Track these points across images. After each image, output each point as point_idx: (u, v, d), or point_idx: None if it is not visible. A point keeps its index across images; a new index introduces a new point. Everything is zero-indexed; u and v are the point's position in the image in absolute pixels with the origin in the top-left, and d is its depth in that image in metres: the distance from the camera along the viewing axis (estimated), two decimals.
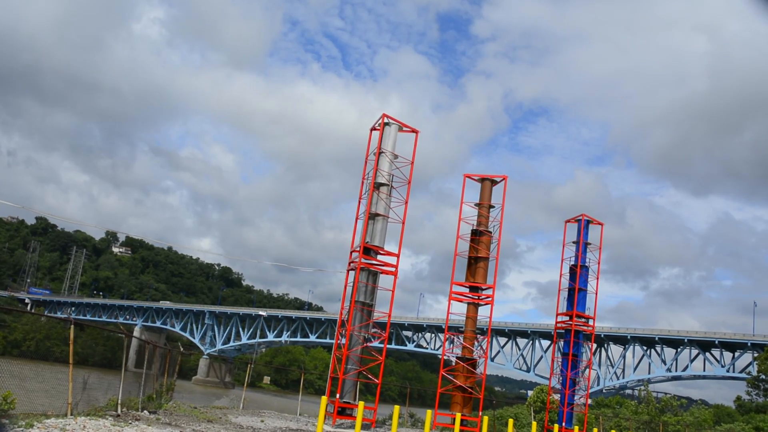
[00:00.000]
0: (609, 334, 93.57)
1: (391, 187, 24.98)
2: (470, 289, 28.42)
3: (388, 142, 25.33)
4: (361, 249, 23.66)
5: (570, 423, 30.91)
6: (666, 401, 46.33)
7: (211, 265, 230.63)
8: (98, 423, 13.12)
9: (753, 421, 51.18)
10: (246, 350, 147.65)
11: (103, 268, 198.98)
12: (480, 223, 28.96)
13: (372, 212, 24.45)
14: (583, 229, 32.37)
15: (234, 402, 28.92)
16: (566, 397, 30.79)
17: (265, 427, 20.81)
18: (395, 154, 25.39)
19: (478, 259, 28.29)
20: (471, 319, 28.08)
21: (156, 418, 17.42)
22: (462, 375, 27.46)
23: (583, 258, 32.18)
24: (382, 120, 25.11)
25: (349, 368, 23.36)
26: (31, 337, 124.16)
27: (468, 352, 27.86)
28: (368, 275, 24.13)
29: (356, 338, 23.63)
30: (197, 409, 22.93)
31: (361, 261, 23.64)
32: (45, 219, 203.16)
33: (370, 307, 24.02)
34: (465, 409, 27.42)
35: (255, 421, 22.12)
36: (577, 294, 31.44)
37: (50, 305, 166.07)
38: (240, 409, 27.12)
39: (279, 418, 24.64)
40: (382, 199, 24.66)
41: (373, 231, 24.35)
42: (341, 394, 22.90)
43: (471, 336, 27.95)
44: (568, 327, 31.71)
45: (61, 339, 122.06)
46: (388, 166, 25.13)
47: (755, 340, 77.33)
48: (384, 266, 24.57)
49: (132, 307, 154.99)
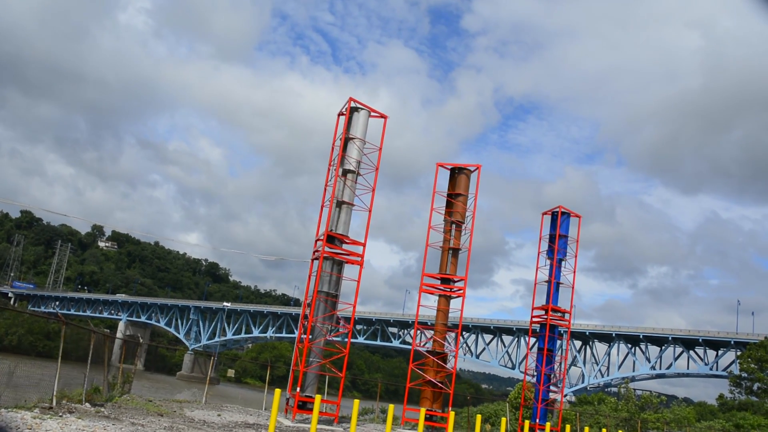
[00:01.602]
0: (594, 331, 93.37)
1: (357, 174, 24.13)
2: (442, 281, 27.64)
3: (357, 128, 24.48)
4: (325, 237, 22.80)
5: (544, 419, 30.22)
6: (646, 398, 45.82)
7: (199, 261, 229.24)
8: (16, 416, 12.21)
9: (734, 418, 50.92)
10: (232, 346, 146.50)
11: (88, 263, 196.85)
12: (453, 213, 28.16)
13: (338, 200, 23.60)
14: (559, 222, 31.65)
15: (197, 395, 27.99)
16: (540, 392, 30.09)
17: (220, 421, 19.93)
18: (364, 140, 24.54)
19: (450, 251, 27.50)
20: (442, 311, 27.28)
21: (96, 410, 16.51)
22: (432, 369, 26.67)
23: (559, 251, 31.47)
24: (348, 104, 24.24)
25: (311, 361, 22.52)
26: (14, 332, 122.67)
27: (439, 346, 27.06)
28: (333, 265, 23.29)
29: (319, 330, 22.80)
30: (152, 402, 22.01)
31: (325, 250, 22.79)
32: (30, 212, 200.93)
33: (334, 297, 23.19)
34: (435, 404, 26.67)
35: (211, 415, 21.24)
36: (552, 287, 30.75)
37: (34, 299, 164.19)
38: (202, 402, 26.21)
39: (240, 413, 23.75)
40: (348, 187, 23.81)
41: (338, 219, 23.50)
42: (302, 388, 22.07)
43: (442, 329, 27.15)
44: (544, 321, 31.01)
45: (43, 334, 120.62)
46: (356, 153, 24.29)
47: (738, 339, 77.24)
48: (350, 256, 23.73)
49: (116, 302, 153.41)
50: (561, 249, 31.37)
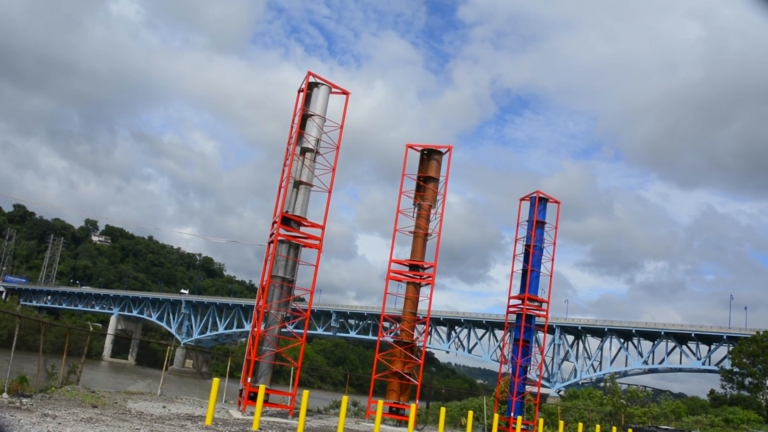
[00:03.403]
0: (586, 326, 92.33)
1: (316, 153, 22.81)
2: (410, 267, 26.37)
3: (316, 105, 23.15)
4: (279, 219, 21.48)
5: (520, 412, 28.99)
6: (632, 392, 44.63)
7: (193, 255, 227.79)
8: None
9: (723, 413, 49.89)
10: (224, 341, 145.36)
11: (81, 257, 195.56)
12: (423, 197, 26.89)
13: (295, 180, 22.29)
14: (537, 207, 30.34)
15: (152, 386, 26.69)
16: (515, 385, 28.84)
17: (160, 413, 18.67)
18: (324, 118, 23.21)
19: (419, 236, 26.24)
20: (410, 300, 26.01)
21: (11, 401, 15.24)
22: (399, 360, 25.43)
23: (537, 238, 30.17)
24: (307, 79, 22.90)
25: (264, 350, 21.25)
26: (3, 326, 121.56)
27: (407, 336, 25.80)
28: (289, 248, 21.99)
29: (273, 317, 21.51)
30: (94, 394, 20.73)
31: (279, 232, 21.47)
32: (23, 206, 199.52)
33: (290, 283, 21.91)
34: (403, 397, 25.45)
35: (155, 407, 19.97)
36: (529, 275, 29.46)
37: (25, 293, 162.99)
38: (157, 394, 24.94)
39: (192, 405, 22.47)
40: (306, 166, 22.49)
41: (295, 200, 22.19)
42: (253, 378, 20.80)
43: (410, 318, 25.88)
44: (520, 311, 29.74)
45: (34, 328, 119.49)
46: (315, 131, 22.96)
47: (731, 333, 76.19)
48: (307, 239, 22.43)
49: (108, 296, 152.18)
50: (538, 236, 30.07)
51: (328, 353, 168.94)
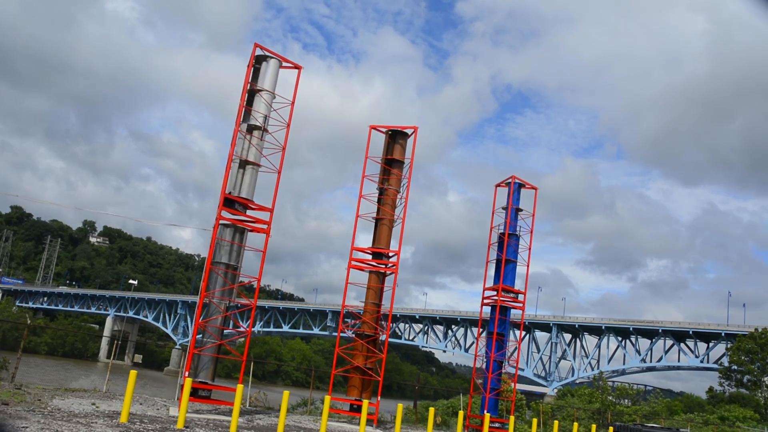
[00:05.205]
0: (584, 324, 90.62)
1: (264, 131, 21.25)
2: (373, 255, 24.79)
3: (264, 80, 21.61)
4: (221, 201, 19.93)
5: (495, 410, 27.37)
6: (622, 389, 42.95)
7: (191, 256, 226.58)
8: None
9: (719, 410, 48.23)
10: None
11: (79, 258, 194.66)
12: (386, 180, 25.32)
13: (240, 159, 20.74)
14: (512, 194, 28.74)
15: (96, 383, 25.19)
16: (489, 381, 27.22)
17: (86, 410, 17.16)
18: (273, 93, 21.66)
19: (382, 222, 24.67)
20: (372, 290, 24.41)
21: None
22: (361, 354, 23.84)
23: (512, 225, 28.55)
24: (253, 52, 21.35)
25: (206, 341, 19.69)
26: None
27: (369, 329, 24.21)
28: (234, 233, 20.45)
29: (215, 306, 19.96)
30: (19, 390, 19.22)
31: (221, 215, 19.92)
32: (20, 208, 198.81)
33: (234, 270, 20.36)
34: (365, 393, 23.85)
35: (84, 404, 18.44)
36: (504, 265, 27.84)
37: (22, 295, 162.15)
38: (102, 391, 23.42)
39: (134, 403, 20.90)
40: (254, 145, 20.94)
41: (241, 181, 20.64)
42: (192, 372, 19.25)
43: (372, 309, 24.29)
44: (494, 303, 28.13)
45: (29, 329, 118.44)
46: (264, 107, 21.42)
47: (729, 331, 74.37)
48: (254, 223, 20.88)
49: (104, 296, 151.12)
50: (512, 223, 28.45)
51: (327, 353, 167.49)
